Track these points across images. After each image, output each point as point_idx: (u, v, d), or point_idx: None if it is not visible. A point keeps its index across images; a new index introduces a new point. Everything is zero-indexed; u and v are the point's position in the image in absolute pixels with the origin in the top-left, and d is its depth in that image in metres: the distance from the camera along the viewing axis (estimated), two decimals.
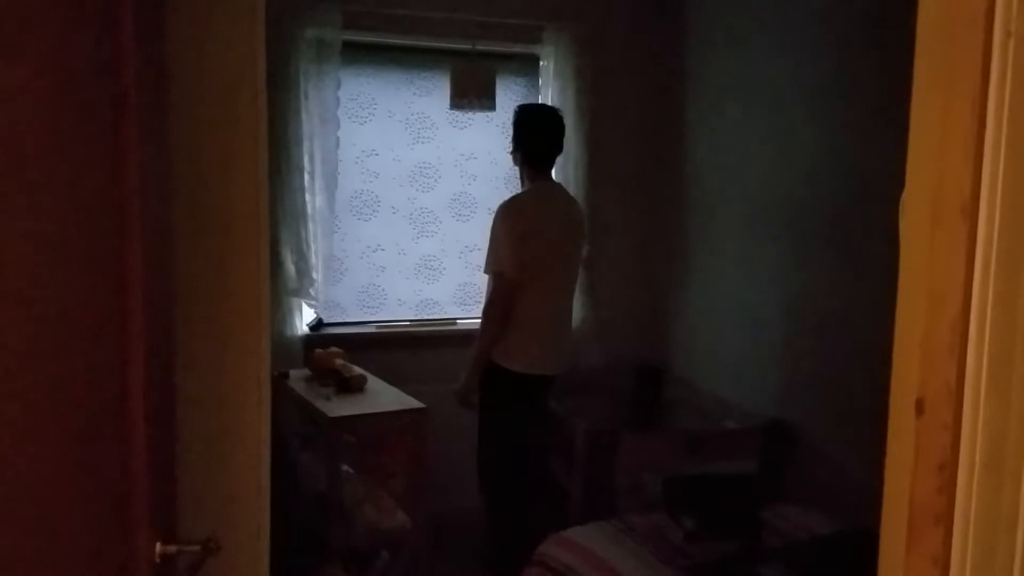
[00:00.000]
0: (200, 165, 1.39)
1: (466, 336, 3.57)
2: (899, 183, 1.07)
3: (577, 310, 4.30)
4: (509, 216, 3.34)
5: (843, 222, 3.26)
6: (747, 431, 3.60)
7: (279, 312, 3.87)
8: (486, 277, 3.44)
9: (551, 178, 3.55)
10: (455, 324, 4.35)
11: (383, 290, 4.30)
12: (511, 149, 3.50)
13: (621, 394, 4.48)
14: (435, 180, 4.33)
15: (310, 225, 3.93)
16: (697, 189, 4.24)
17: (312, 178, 3.93)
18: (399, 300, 4.32)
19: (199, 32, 1.37)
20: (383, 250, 4.28)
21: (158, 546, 1.13)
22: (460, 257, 4.39)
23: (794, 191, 3.53)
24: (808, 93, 3.43)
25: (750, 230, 3.82)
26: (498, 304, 3.31)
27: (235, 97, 1.40)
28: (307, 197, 3.90)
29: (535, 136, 3.43)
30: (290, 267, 3.89)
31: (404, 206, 4.29)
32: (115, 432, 1.01)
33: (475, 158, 4.35)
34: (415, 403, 3.30)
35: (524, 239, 3.29)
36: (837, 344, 3.30)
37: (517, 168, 3.52)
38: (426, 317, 4.37)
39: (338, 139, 3.97)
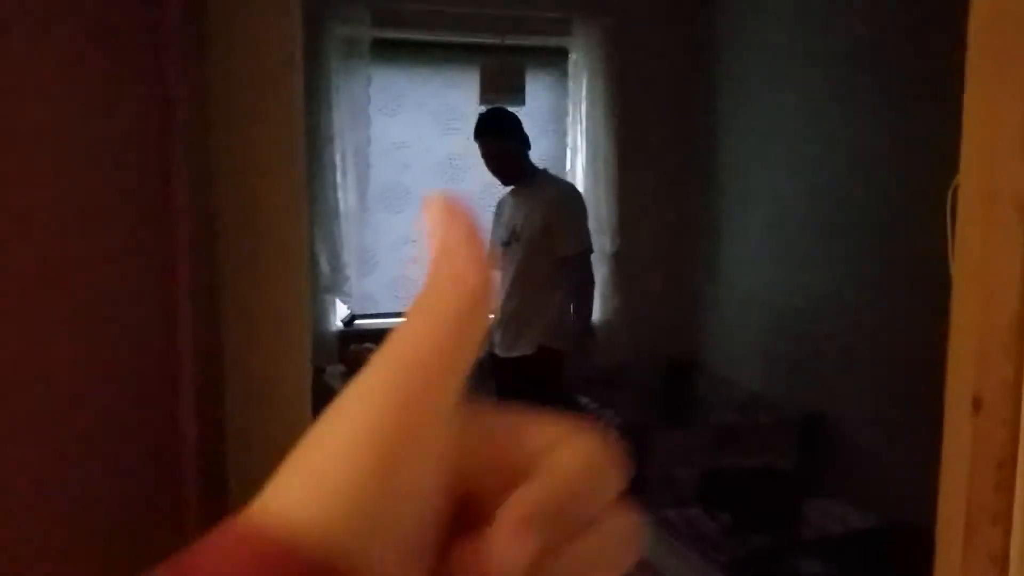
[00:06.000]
0: (238, 166, 1.40)
1: None
2: (944, 174, 1.05)
3: (608, 302, 4.30)
4: None
5: (880, 213, 3.22)
6: (782, 425, 3.58)
7: (313, 308, 3.89)
8: None
9: None
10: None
11: (415, 281, 4.31)
12: (515, 150, 3.40)
13: (652, 388, 4.46)
14: (465, 171, 4.34)
15: (342, 222, 3.95)
16: (729, 180, 4.21)
17: (344, 175, 3.95)
18: None
19: (237, 34, 1.38)
20: (415, 242, 4.30)
21: None
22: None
23: (831, 180, 3.49)
24: (846, 82, 3.39)
25: (784, 221, 3.78)
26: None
27: (272, 98, 1.41)
28: (339, 194, 3.93)
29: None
30: (324, 264, 3.92)
31: None
32: (167, 434, 1.02)
33: None
34: None
35: None
36: (872, 337, 3.27)
37: (516, 164, 3.42)
38: None
39: (369, 136, 3.99)
